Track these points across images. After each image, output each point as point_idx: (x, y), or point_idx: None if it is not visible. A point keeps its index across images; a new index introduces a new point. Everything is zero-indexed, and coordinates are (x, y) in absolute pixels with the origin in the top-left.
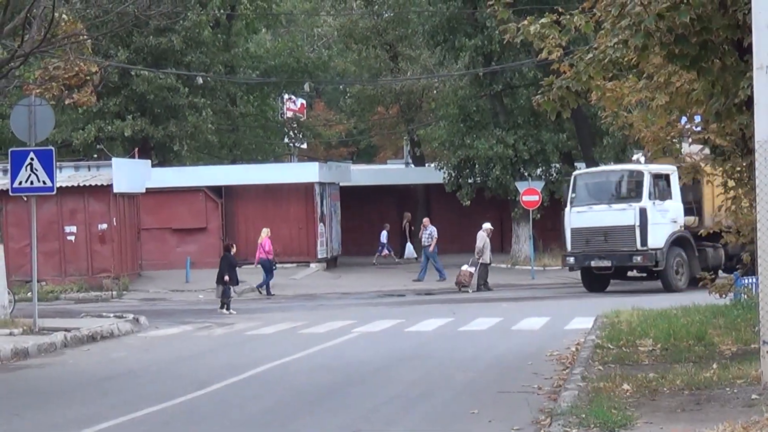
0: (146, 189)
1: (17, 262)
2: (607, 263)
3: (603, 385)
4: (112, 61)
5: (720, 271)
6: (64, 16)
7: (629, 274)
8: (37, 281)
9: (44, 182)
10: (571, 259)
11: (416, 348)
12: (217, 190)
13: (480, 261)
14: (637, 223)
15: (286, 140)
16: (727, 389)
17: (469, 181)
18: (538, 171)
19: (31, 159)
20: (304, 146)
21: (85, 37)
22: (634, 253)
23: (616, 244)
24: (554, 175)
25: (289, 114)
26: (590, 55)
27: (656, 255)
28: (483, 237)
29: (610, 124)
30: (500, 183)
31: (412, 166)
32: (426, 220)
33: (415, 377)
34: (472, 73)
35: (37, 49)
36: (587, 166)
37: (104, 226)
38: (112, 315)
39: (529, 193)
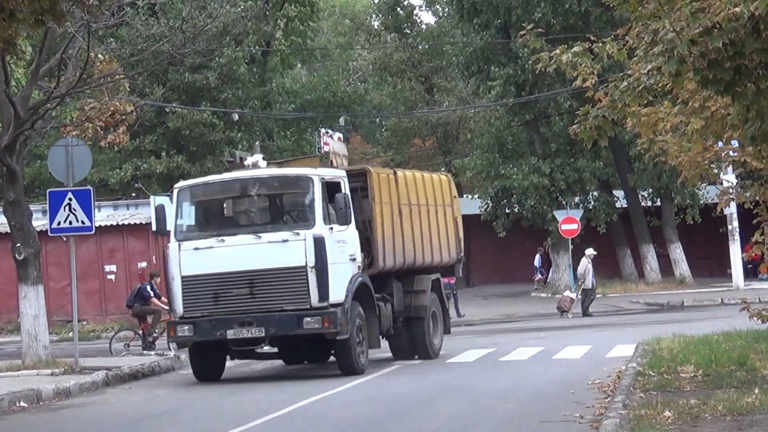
0: None
1: (58, 302)
2: (256, 331)
3: (644, 412)
4: (148, 98)
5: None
6: (99, 56)
7: (265, 348)
8: (78, 320)
9: (83, 222)
10: (187, 329)
11: (457, 379)
12: None
13: (582, 287)
14: (311, 263)
15: None
16: None
17: (506, 211)
18: (576, 199)
19: (69, 199)
20: None
21: (121, 76)
22: (306, 313)
23: (272, 299)
24: (592, 203)
25: (326, 148)
26: (625, 83)
27: (338, 315)
28: (584, 263)
29: (646, 150)
30: (537, 212)
31: None
32: None
33: (456, 409)
34: (507, 103)
35: (73, 89)
36: (625, 194)
37: (144, 264)
38: (153, 353)
39: (568, 221)
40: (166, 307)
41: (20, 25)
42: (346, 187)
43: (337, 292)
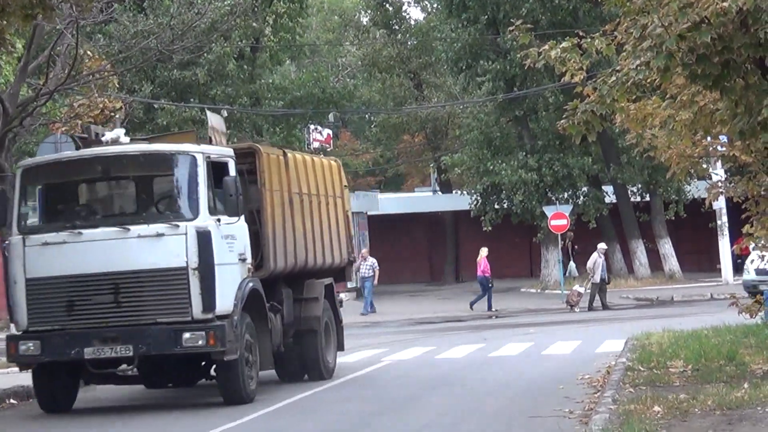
0: None
1: None
2: (122, 350)
3: (634, 407)
4: (137, 95)
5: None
6: (88, 52)
7: (124, 368)
8: None
9: None
10: (32, 346)
11: (447, 375)
12: None
13: (591, 281)
14: (194, 263)
15: None
16: (759, 408)
17: (496, 206)
18: (565, 195)
19: None
20: None
21: (110, 72)
22: (186, 327)
23: (143, 310)
24: (581, 198)
25: (316, 144)
26: (613, 78)
27: (226, 330)
28: (594, 257)
29: (635, 145)
30: (525, 208)
31: (440, 193)
32: (365, 251)
33: (446, 405)
34: (496, 98)
35: (62, 86)
36: (614, 189)
37: None
38: None
39: (557, 217)
40: None
41: (9, 19)
42: (234, 169)
43: (225, 301)
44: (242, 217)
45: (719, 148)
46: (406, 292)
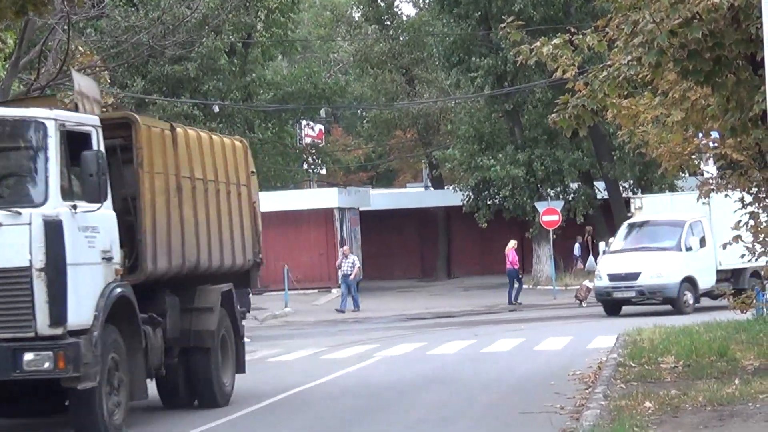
0: None
1: None
2: None
3: (625, 403)
4: (129, 90)
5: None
6: (79, 48)
7: None
8: None
9: None
10: None
11: (439, 371)
12: None
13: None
14: (39, 263)
15: (305, 167)
16: (750, 404)
17: (488, 202)
18: (556, 190)
19: None
20: (324, 172)
21: (101, 68)
22: (28, 345)
23: None
24: (572, 194)
25: (308, 140)
26: (605, 73)
27: (81, 349)
28: (603, 251)
29: (627, 142)
30: (516, 203)
31: (432, 189)
32: (345, 248)
33: (438, 400)
34: (487, 94)
35: (53, 81)
36: (606, 185)
37: None
38: None
39: (549, 212)
40: None
41: (0, 15)
42: (100, 142)
43: (82, 312)
44: (108, 204)
45: (711, 144)
46: (397, 288)
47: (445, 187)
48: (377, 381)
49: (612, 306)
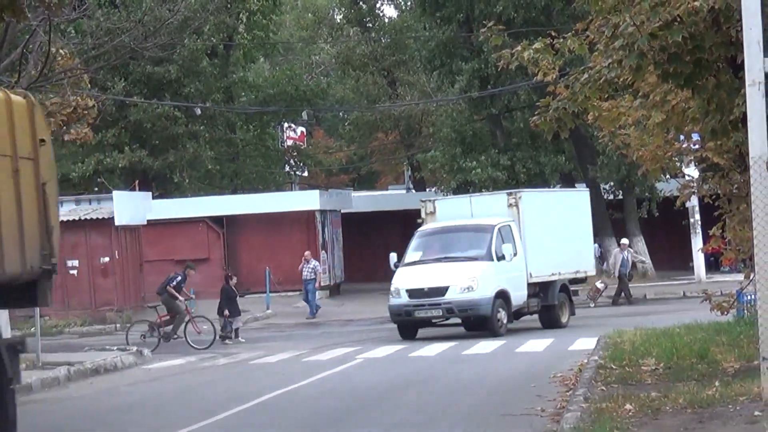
0: (148, 221)
1: None
2: None
3: (605, 405)
4: (110, 92)
5: None
6: (61, 51)
7: None
8: (40, 316)
9: None
10: None
11: (420, 373)
12: (219, 221)
13: (613, 276)
14: None
15: (286, 169)
16: (730, 406)
17: None
18: None
19: None
20: (305, 174)
21: (82, 71)
22: None
23: None
24: None
25: (289, 142)
26: (586, 76)
27: None
28: (614, 253)
29: (608, 144)
30: None
31: (413, 191)
32: (308, 253)
33: (419, 402)
34: (469, 97)
35: (34, 84)
36: (587, 188)
37: (106, 259)
38: (115, 348)
39: None
40: (182, 298)
41: None
42: None
43: None
44: None
45: (692, 146)
46: (378, 290)
47: (427, 189)
48: (359, 383)
49: (410, 328)
